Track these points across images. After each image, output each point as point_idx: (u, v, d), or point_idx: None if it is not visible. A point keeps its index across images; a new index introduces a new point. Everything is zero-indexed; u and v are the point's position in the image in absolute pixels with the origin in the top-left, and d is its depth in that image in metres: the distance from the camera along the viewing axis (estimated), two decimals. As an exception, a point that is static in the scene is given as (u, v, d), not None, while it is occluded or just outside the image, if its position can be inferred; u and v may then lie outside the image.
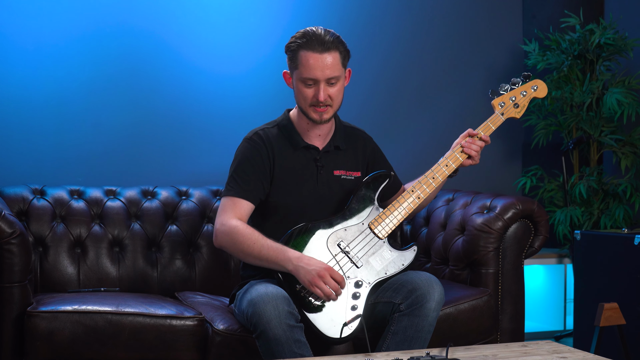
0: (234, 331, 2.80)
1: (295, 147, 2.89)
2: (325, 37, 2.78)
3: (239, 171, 2.85)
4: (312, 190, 2.88)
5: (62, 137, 3.91)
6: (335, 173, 2.92)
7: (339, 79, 2.81)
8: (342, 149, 2.95)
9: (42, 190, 3.49)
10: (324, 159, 2.91)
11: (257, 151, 2.87)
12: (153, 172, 4.02)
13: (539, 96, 3.05)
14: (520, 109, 3.00)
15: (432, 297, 2.68)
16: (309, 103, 2.81)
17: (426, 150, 4.46)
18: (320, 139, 2.92)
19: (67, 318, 2.80)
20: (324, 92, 2.78)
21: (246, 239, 2.70)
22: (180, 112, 4.11)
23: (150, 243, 3.51)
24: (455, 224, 3.46)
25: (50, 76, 3.89)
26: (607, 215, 4.54)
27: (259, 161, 2.86)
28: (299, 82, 2.81)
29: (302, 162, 2.89)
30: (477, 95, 4.76)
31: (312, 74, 2.77)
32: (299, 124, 2.91)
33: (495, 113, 2.98)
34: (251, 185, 2.83)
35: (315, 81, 2.78)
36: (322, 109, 2.81)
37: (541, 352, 2.52)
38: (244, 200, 2.81)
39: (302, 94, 2.82)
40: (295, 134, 2.90)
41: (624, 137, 4.56)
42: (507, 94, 3.00)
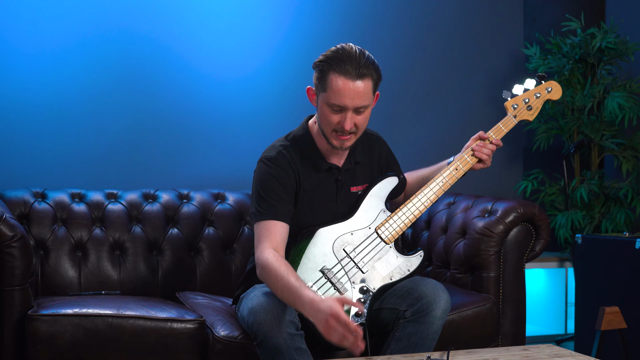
0: (235, 338, 2.79)
1: (317, 169, 2.77)
2: (360, 61, 2.58)
3: (268, 191, 2.68)
4: (330, 209, 2.79)
5: (63, 141, 3.91)
6: (352, 190, 2.83)
7: (368, 106, 2.65)
8: (361, 163, 2.85)
9: (43, 193, 3.49)
10: (344, 176, 2.81)
11: (284, 172, 2.71)
12: (154, 176, 4.02)
13: (553, 98, 2.96)
14: (533, 112, 2.93)
15: (439, 305, 2.66)
16: (332, 128, 2.65)
17: (427, 155, 4.45)
18: (340, 156, 2.79)
19: (68, 321, 2.79)
20: (350, 120, 2.61)
21: (273, 275, 2.52)
22: (182, 115, 4.11)
23: (151, 246, 3.51)
24: (456, 228, 3.45)
25: (51, 80, 3.90)
26: (608, 219, 4.54)
27: (287, 181, 2.71)
28: (325, 106, 2.63)
29: (323, 183, 2.79)
30: (478, 99, 4.77)
31: (340, 101, 2.59)
32: (319, 141, 2.77)
33: (507, 115, 2.90)
34: (283, 205, 2.68)
35: (343, 108, 2.61)
36: (345, 137, 2.66)
37: (542, 356, 2.51)
38: (278, 222, 2.65)
39: (327, 118, 2.64)
40: (317, 155, 2.77)
41: (625, 141, 4.56)
42: (520, 95, 2.93)
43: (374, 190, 2.83)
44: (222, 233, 3.60)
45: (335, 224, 2.76)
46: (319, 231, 2.73)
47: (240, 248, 3.59)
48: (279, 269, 2.52)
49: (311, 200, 2.77)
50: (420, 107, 4.66)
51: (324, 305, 2.35)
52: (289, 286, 2.48)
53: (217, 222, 3.62)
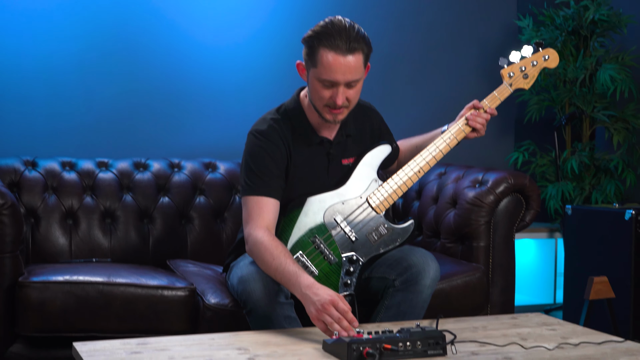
0: (225, 305, 2.80)
1: (309, 143, 2.75)
2: (350, 35, 2.53)
3: (260, 166, 2.65)
4: (322, 182, 2.77)
5: (53, 109, 3.90)
6: (343, 162, 2.81)
7: (359, 80, 2.61)
8: (352, 136, 2.83)
9: (34, 161, 3.49)
10: (335, 149, 2.79)
11: (275, 146, 2.69)
12: (145, 144, 4.01)
13: (550, 66, 2.92)
14: (529, 80, 2.89)
15: (428, 274, 2.66)
16: (324, 104, 2.62)
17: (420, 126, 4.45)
18: (332, 129, 2.77)
19: (59, 288, 2.80)
20: (342, 95, 2.58)
21: (267, 254, 2.49)
22: (174, 84, 4.10)
23: (142, 215, 3.52)
24: (447, 198, 3.46)
25: (41, 48, 3.87)
26: (598, 190, 4.56)
27: (278, 156, 2.69)
28: (316, 81, 2.59)
29: (315, 157, 2.76)
30: (471, 70, 4.76)
31: (332, 76, 2.55)
32: (310, 115, 2.74)
33: (503, 84, 2.87)
34: (274, 181, 2.65)
35: (334, 83, 2.57)
36: (337, 111, 2.63)
37: (531, 325, 2.53)
38: (270, 198, 2.63)
39: (318, 94, 2.61)
40: (309, 127, 2.74)
41: (616, 113, 4.57)
42: (517, 63, 2.89)
43: (366, 159, 2.82)
44: (213, 202, 3.60)
45: (326, 193, 2.75)
46: (309, 200, 2.73)
47: (231, 217, 3.60)
48: (275, 250, 2.49)
49: (302, 174, 2.75)
50: (413, 78, 4.65)
51: (323, 291, 2.33)
52: (285, 268, 2.45)
53: (208, 191, 3.62)
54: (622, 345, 2.29)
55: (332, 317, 2.26)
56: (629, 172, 4.52)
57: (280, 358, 2.08)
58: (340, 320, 2.25)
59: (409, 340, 2.08)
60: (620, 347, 2.26)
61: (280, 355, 2.11)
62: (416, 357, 2.09)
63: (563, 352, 2.19)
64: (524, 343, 2.27)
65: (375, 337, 2.07)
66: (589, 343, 2.29)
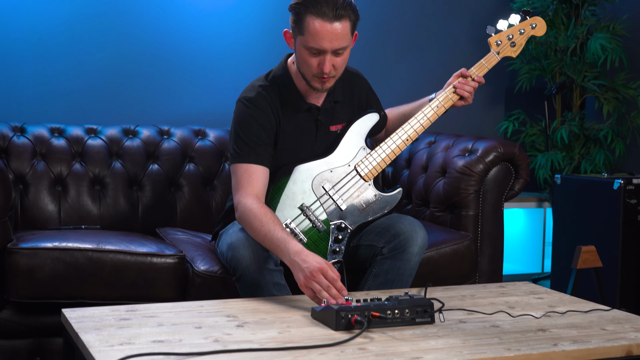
0: (215, 272, 2.81)
1: (297, 109, 2.75)
2: (337, 2, 2.52)
3: (248, 133, 2.65)
4: (310, 149, 2.77)
5: (42, 75, 3.87)
6: (331, 129, 2.81)
7: (347, 48, 2.60)
8: (340, 102, 2.82)
9: (22, 127, 3.47)
10: (323, 116, 2.78)
11: (264, 114, 2.68)
12: (134, 111, 4.00)
13: (538, 34, 2.93)
14: (517, 48, 2.90)
15: (416, 242, 2.67)
16: (312, 73, 2.62)
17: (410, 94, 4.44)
18: (319, 95, 2.77)
19: (48, 255, 2.80)
20: (329, 63, 2.57)
21: (256, 221, 2.49)
22: (163, 49, 4.07)
23: (131, 182, 3.51)
24: (436, 167, 3.47)
25: (30, 13, 3.83)
26: (587, 160, 4.57)
27: (267, 124, 2.68)
28: (303, 49, 2.59)
29: (303, 123, 2.76)
30: (461, 38, 4.75)
31: (318, 44, 2.54)
32: (298, 81, 2.73)
33: (490, 52, 2.88)
34: (263, 148, 2.65)
35: (321, 51, 2.56)
36: (325, 79, 2.63)
37: (518, 293, 2.55)
38: (259, 166, 2.63)
39: (306, 62, 2.60)
40: (297, 94, 2.74)
41: (607, 82, 4.57)
42: (504, 31, 2.89)
43: (354, 127, 2.82)
44: (203, 169, 3.60)
45: (314, 161, 2.75)
46: (297, 168, 2.73)
47: (220, 185, 3.60)
48: (264, 216, 2.50)
49: (290, 141, 2.75)
50: (403, 46, 4.63)
51: (312, 258, 2.33)
52: (274, 232, 2.45)
53: (197, 158, 3.61)
54: (608, 314, 2.30)
55: (320, 285, 2.26)
56: (618, 141, 4.54)
57: (268, 325, 2.08)
58: (329, 288, 2.25)
59: (397, 308, 2.09)
60: (606, 316, 2.28)
61: (268, 322, 2.12)
62: (404, 324, 2.10)
63: (550, 320, 2.21)
64: (512, 311, 2.29)
65: (364, 305, 2.08)
66: (576, 312, 2.31)
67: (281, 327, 2.06)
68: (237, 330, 2.03)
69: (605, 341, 2.02)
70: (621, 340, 2.03)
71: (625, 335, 2.08)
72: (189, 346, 1.88)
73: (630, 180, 3.83)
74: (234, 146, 2.67)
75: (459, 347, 1.93)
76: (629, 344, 2.01)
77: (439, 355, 1.87)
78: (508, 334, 2.06)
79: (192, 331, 2.01)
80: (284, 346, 1.89)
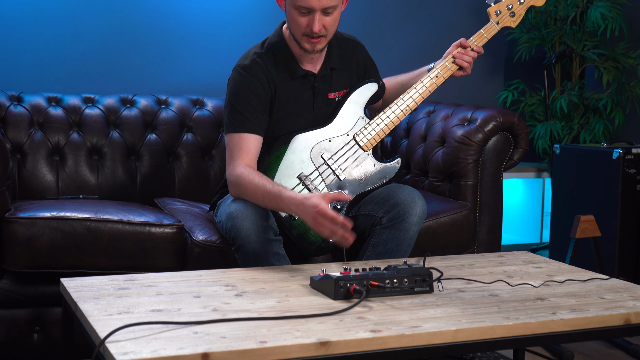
0: (213, 242, 2.80)
1: (293, 75, 2.74)
2: None
3: (242, 102, 2.66)
4: (308, 116, 2.78)
5: (39, 44, 3.84)
6: (330, 96, 2.81)
7: (336, 7, 2.61)
8: (337, 69, 2.82)
9: (19, 97, 3.45)
10: (320, 83, 2.78)
11: (258, 82, 2.69)
12: (132, 80, 3.97)
13: (537, 4, 2.92)
14: (516, 18, 2.89)
15: (415, 212, 2.67)
16: (302, 32, 2.62)
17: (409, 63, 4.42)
18: (315, 61, 2.77)
19: (46, 224, 2.79)
20: (319, 22, 2.58)
21: (249, 189, 2.53)
22: (161, 18, 4.04)
23: (129, 151, 3.50)
24: (435, 136, 3.46)
25: (26, -20, 3.81)
26: (586, 129, 4.56)
27: (261, 92, 2.69)
28: (292, 9, 2.60)
29: (300, 90, 2.76)
30: (460, 7, 4.71)
31: (307, 2, 2.56)
32: (293, 46, 2.73)
33: (490, 22, 2.87)
34: (256, 117, 2.66)
35: (311, 10, 2.58)
36: (315, 40, 2.63)
37: (517, 262, 2.55)
38: (252, 135, 2.64)
39: (295, 22, 2.61)
40: (292, 60, 2.74)
41: (606, 51, 4.54)
42: (504, 1, 2.88)
43: (353, 96, 2.82)
44: (201, 139, 3.58)
45: (312, 131, 2.75)
46: (296, 137, 2.72)
47: (219, 154, 3.58)
48: (253, 180, 2.53)
49: (288, 109, 2.75)
50: (401, 14, 4.60)
51: (308, 203, 2.36)
52: (268, 193, 2.49)
53: (195, 128, 3.60)
54: (606, 283, 2.30)
55: (326, 229, 2.32)
56: (618, 111, 4.52)
57: (267, 294, 2.09)
58: (334, 234, 2.31)
59: (396, 277, 2.09)
60: (605, 284, 2.28)
61: (267, 291, 2.12)
62: (403, 294, 2.10)
63: (548, 289, 2.21)
64: (510, 280, 2.29)
65: (363, 274, 2.08)
66: (575, 280, 2.31)
67: (280, 297, 2.07)
68: (236, 299, 2.03)
69: (604, 310, 2.03)
70: (619, 309, 2.03)
71: (623, 304, 2.08)
72: (187, 315, 1.88)
73: (629, 149, 3.83)
74: (228, 115, 2.68)
75: (458, 316, 1.94)
76: (627, 312, 2.01)
77: (438, 324, 1.87)
78: (507, 303, 2.06)
79: (190, 300, 2.01)
80: (283, 315, 1.89)
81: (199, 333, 1.74)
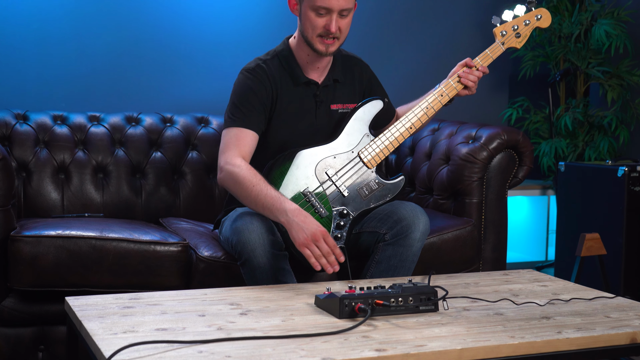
0: (218, 258, 2.81)
1: (295, 82, 2.80)
2: None
3: (243, 101, 2.73)
4: (309, 126, 2.81)
5: (45, 62, 3.86)
6: (332, 107, 2.85)
7: (351, 11, 2.70)
8: (341, 82, 2.87)
9: (25, 115, 3.46)
10: (323, 93, 2.83)
11: (261, 84, 2.75)
12: (137, 98, 3.99)
13: (542, 26, 2.94)
14: (521, 39, 2.91)
15: (418, 228, 2.67)
16: (317, 33, 2.69)
17: (412, 80, 4.44)
18: (319, 72, 2.82)
19: (51, 243, 2.79)
20: (336, 23, 2.67)
21: (246, 181, 2.55)
22: (167, 36, 4.06)
23: (134, 169, 3.50)
24: (440, 154, 3.46)
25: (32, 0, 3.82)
26: (591, 147, 4.56)
27: (263, 94, 2.75)
28: (310, 10, 2.68)
29: (302, 97, 2.81)
30: (463, 23, 4.72)
31: (326, 2, 2.64)
32: (299, 55, 2.80)
33: (495, 42, 2.89)
34: (255, 116, 2.72)
35: (329, 10, 2.66)
36: (329, 41, 2.70)
37: (522, 281, 2.54)
38: (249, 130, 2.70)
39: (312, 22, 2.69)
40: (296, 67, 2.80)
41: (611, 69, 4.55)
42: (509, 22, 2.90)
43: (358, 113, 2.83)
44: (206, 157, 3.59)
45: (317, 147, 2.76)
46: (300, 153, 2.73)
47: (223, 172, 3.58)
48: (255, 176, 2.57)
49: (290, 115, 2.79)
50: (404, 31, 4.61)
51: (312, 220, 2.44)
52: (267, 191, 2.52)
53: (200, 146, 3.61)
54: (612, 301, 2.30)
55: (321, 250, 2.39)
56: (623, 128, 4.52)
57: (272, 313, 2.08)
58: (329, 255, 2.38)
59: (401, 295, 2.09)
60: (610, 303, 2.28)
61: (272, 310, 2.11)
62: (408, 312, 2.10)
63: (554, 308, 2.20)
64: (516, 299, 2.28)
65: (367, 293, 2.08)
66: (580, 299, 2.31)
67: (285, 315, 2.06)
68: (241, 318, 2.03)
69: (610, 329, 2.02)
70: (625, 328, 2.03)
71: (629, 323, 2.07)
72: (192, 334, 1.87)
73: (634, 167, 3.82)
74: (229, 113, 2.75)
75: (463, 334, 1.93)
76: (633, 332, 2.01)
77: (443, 342, 1.86)
78: (512, 322, 2.05)
79: (195, 319, 2.01)
80: (288, 334, 1.88)
81: (203, 352, 1.74)
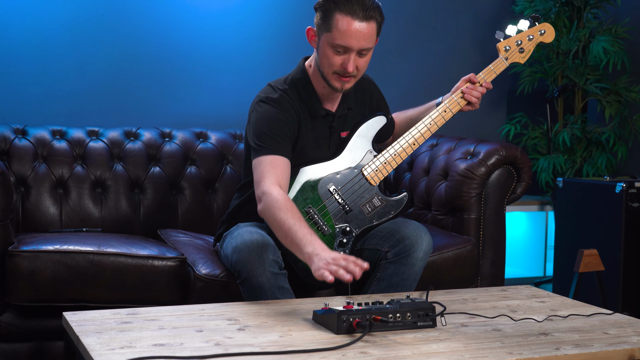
0: (217, 276, 2.79)
1: (314, 115, 2.75)
2: (367, 3, 2.56)
3: (274, 129, 2.63)
4: (322, 154, 2.77)
5: (44, 77, 3.87)
6: (342, 135, 2.82)
7: (371, 49, 2.63)
8: (353, 108, 2.83)
9: (24, 130, 3.47)
10: (337, 123, 2.80)
11: (289, 115, 2.68)
12: (136, 113, 3.99)
13: (546, 41, 2.93)
14: (525, 54, 2.90)
15: (420, 247, 2.66)
16: (333, 70, 2.63)
17: (412, 96, 4.44)
18: (334, 101, 2.78)
19: (49, 258, 2.79)
20: (353, 62, 2.59)
21: (282, 213, 2.44)
22: (165, 51, 4.06)
23: (132, 184, 3.50)
24: (438, 170, 3.46)
25: (31, 14, 3.83)
26: (589, 163, 4.56)
27: (291, 124, 2.68)
28: (328, 47, 2.60)
29: (319, 129, 2.77)
30: (463, 40, 4.74)
31: (346, 42, 2.56)
32: (316, 85, 2.73)
33: (499, 57, 2.87)
34: (287, 144, 2.64)
35: (347, 49, 2.58)
36: (346, 79, 2.64)
37: (520, 297, 2.54)
38: (283, 157, 2.61)
39: (329, 59, 2.61)
40: (315, 100, 2.74)
41: (609, 85, 4.56)
42: (513, 37, 2.89)
43: (361, 129, 2.82)
44: (204, 172, 3.59)
45: (320, 164, 2.75)
46: (303, 170, 2.71)
47: (222, 187, 3.59)
48: (290, 210, 2.45)
49: (306, 145, 2.75)
50: (405, 47, 4.63)
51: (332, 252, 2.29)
52: (301, 226, 2.41)
53: (199, 161, 3.61)
54: (610, 318, 2.30)
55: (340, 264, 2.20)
56: (621, 145, 4.53)
57: (270, 329, 2.08)
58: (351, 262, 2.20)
59: (398, 311, 2.09)
60: (608, 320, 2.27)
61: (270, 326, 2.11)
62: (406, 328, 2.09)
63: (552, 324, 2.20)
64: (514, 315, 2.28)
65: (365, 308, 2.07)
66: (578, 315, 2.30)
67: (282, 331, 2.06)
68: (238, 333, 2.03)
69: (608, 345, 2.02)
70: (623, 345, 2.02)
71: (627, 340, 2.07)
72: (190, 350, 1.87)
73: (632, 183, 3.83)
74: (257, 141, 2.63)
75: (461, 350, 1.93)
76: (631, 348, 2.00)
77: (441, 359, 1.86)
78: (510, 338, 2.05)
79: (193, 334, 2.01)
80: (285, 350, 1.88)
81: (201, 368, 1.74)
